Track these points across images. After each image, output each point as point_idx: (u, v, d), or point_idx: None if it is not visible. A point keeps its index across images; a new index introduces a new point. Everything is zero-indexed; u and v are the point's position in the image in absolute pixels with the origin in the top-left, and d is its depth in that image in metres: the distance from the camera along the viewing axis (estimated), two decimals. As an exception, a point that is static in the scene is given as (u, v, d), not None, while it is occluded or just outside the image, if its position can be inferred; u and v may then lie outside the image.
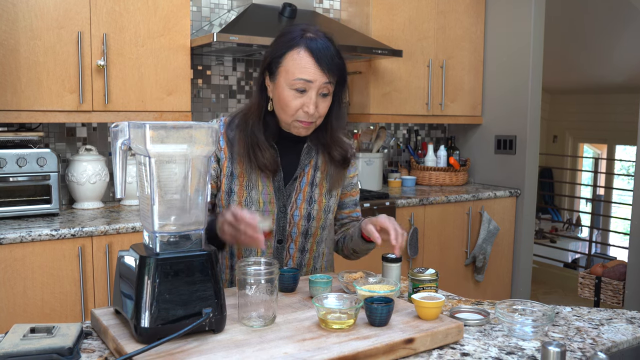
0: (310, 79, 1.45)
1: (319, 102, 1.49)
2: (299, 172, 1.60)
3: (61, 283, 2.36)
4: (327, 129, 1.59)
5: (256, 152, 1.54)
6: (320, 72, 1.45)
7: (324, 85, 1.47)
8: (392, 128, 4.07)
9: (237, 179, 1.57)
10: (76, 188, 2.79)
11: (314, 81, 1.46)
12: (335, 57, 1.48)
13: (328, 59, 1.46)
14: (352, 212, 1.75)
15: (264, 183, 1.57)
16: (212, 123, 1.23)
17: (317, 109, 1.49)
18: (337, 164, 1.63)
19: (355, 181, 1.74)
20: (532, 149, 3.80)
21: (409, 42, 3.58)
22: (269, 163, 1.54)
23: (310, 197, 1.61)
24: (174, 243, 1.19)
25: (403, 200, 3.29)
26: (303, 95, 1.47)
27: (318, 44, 1.46)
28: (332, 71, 1.47)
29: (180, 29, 2.80)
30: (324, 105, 1.50)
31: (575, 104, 6.80)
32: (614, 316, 1.47)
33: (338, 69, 1.49)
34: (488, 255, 3.68)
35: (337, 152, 1.61)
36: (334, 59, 1.47)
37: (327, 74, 1.46)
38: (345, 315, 1.22)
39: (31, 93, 2.50)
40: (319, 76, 1.46)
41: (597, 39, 5.35)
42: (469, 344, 1.26)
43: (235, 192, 1.57)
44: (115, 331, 1.18)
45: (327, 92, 1.49)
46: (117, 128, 1.19)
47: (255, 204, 1.56)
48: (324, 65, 1.45)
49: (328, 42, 1.49)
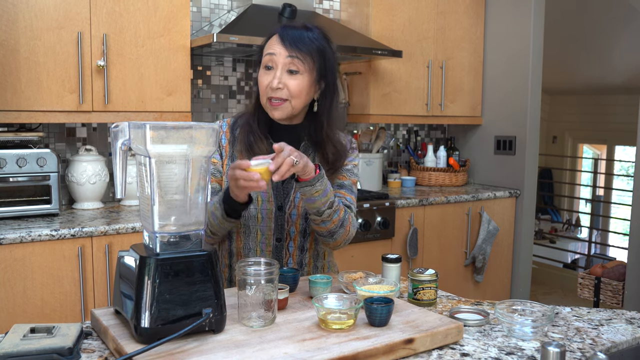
0: (273, 52, 1.51)
1: (286, 78, 1.51)
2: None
3: (61, 283, 2.36)
4: (319, 126, 1.59)
5: (251, 142, 1.56)
6: (282, 46, 1.50)
7: (288, 59, 1.50)
8: (391, 128, 4.07)
9: None
10: (76, 188, 2.79)
11: (277, 54, 1.51)
12: (306, 38, 1.51)
13: (295, 36, 1.51)
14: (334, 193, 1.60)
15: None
16: (213, 123, 1.23)
17: (287, 86, 1.51)
18: (330, 163, 1.61)
19: (349, 167, 1.66)
20: (532, 149, 3.81)
21: (409, 42, 3.58)
22: (262, 151, 1.55)
23: None
24: (174, 243, 1.19)
25: (403, 200, 3.29)
26: (270, 72, 1.52)
27: (292, 25, 1.54)
28: (295, 46, 1.50)
29: (180, 29, 2.80)
30: (294, 82, 1.51)
31: (574, 105, 6.80)
32: (613, 316, 1.47)
33: (306, 47, 1.50)
34: (488, 255, 3.69)
35: (330, 151, 1.60)
36: (304, 39, 1.51)
37: (290, 49, 1.49)
38: (345, 315, 1.22)
39: (31, 93, 2.50)
40: (281, 49, 1.50)
41: (596, 40, 5.35)
42: (469, 344, 1.26)
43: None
44: (115, 331, 1.18)
45: (295, 70, 1.50)
46: (117, 128, 1.19)
47: (253, 203, 1.57)
48: (286, 41, 1.50)
49: (310, 29, 1.53)
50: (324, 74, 1.55)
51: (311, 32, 1.53)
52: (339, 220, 1.55)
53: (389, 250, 3.26)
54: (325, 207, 1.50)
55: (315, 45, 1.52)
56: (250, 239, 1.60)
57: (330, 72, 1.56)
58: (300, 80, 1.51)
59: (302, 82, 1.52)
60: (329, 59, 1.55)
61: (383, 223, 3.18)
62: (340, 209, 1.56)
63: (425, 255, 3.45)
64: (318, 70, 1.53)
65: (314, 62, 1.52)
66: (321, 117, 1.59)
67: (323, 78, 1.55)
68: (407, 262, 3.35)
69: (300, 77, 1.51)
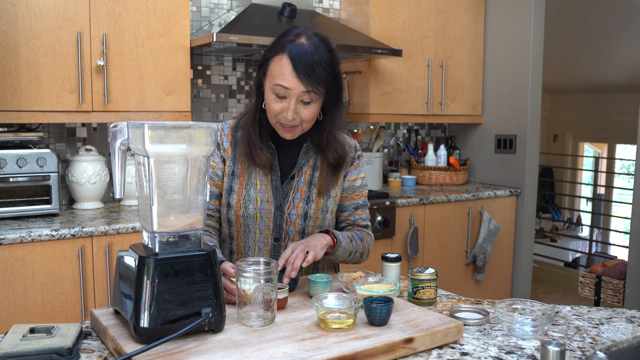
0: (287, 86, 1.45)
1: (301, 109, 1.48)
2: (296, 171, 1.61)
3: (61, 283, 2.36)
4: (322, 130, 1.59)
5: (251, 148, 1.56)
6: (298, 81, 1.44)
7: (303, 93, 1.46)
8: (392, 128, 4.07)
9: (237, 178, 1.60)
10: (76, 188, 2.79)
11: (292, 89, 1.45)
12: (318, 66, 1.44)
13: (308, 68, 1.43)
14: (350, 216, 1.71)
15: (262, 182, 1.59)
16: (212, 123, 1.23)
17: (300, 115, 1.49)
18: (330, 167, 1.62)
19: (358, 184, 1.71)
20: (533, 148, 3.80)
21: (409, 41, 3.58)
22: (263, 159, 1.56)
23: (307, 196, 1.61)
24: (173, 243, 1.19)
25: (403, 199, 3.29)
26: (283, 101, 1.48)
27: (302, 50, 1.44)
28: (311, 80, 1.44)
29: (180, 29, 2.80)
30: (308, 112, 1.49)
31: (575, 103, 6.80)
32: (613, 315, 1.47)
33: (321, 78, 1.45)
34: (488, 254, 3.68)
35: (331, 155, 1.61)
36: (317, 68, 1.44)
37: (305, 84, 1.44)
38: (345, 314, 1.22)
39: (31, 93, 2.50)
40: (296, 84, 1.45)
41: (597, 38, 5.35)
42: (469, 343, 1.26)
43: (235, 191, 1.59)
44: (115, 331, 1.18)
45: (309, 100, 1.48)
46: (116, 128, 1.19)
47: (252, 202, 1.58)
48: (302, 74, 1.43)
49: (317, 49, 1.46)
50: (333, 91, 1.53)
51: (319, 53, 1.45)
52: (360, 255, 1.69)
53: (389, 249, 3.26)
54: (347, 257, 1.65)
55: (327, 71, 1.47)
56: (249, 238, 1.61)
57: (337, 85, 1.53)
58: (313, 107, 1.50)
59: (315, 109, 1.51)
60: (337, 76, 1.52)
61: (383, 222, 3.17)
62: (358, 247, 1.66)
63: (425, 254, 3.45)
64: (327, 90, 1.51)
65: (326, 88, 1.50)
66: (324, 121, 1.59)
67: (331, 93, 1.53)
68: (407, 261, 3.34)
69: (313, 106, 1.50)
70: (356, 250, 1.65)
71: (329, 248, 1.54)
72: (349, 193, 1.70)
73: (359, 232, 1.69)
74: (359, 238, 1.67)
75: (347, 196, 1.71)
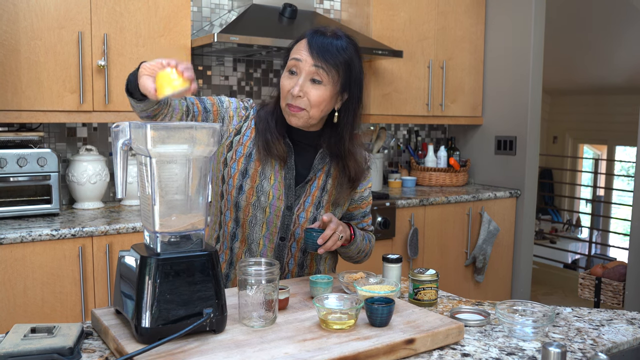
0: (299, 58, 1.49)
1: (308, 87, 1.48)
2: (311, 176, 1.60)
3: (61, 283, 2.36)
4: (340, 139, 1.57)
5: (268, 140, 1.55)
6: (309, 54, 1.47)
7: (313, 68, 1.47)
8: (392, 128, 4.07)
9: (254, 163, 1.58)
10: (76, 188, 2.79)
11: (302, 61, 1.48)
12: (333, 48, 1.48)
13: (322, 46, 1.47)
14: (359, 224, 1.74)
15: (276, 177, 1.58)
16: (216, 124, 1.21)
17: (307, 96, 1.48)
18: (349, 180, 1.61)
19: (366, 194, 1.72)
20: (532, 149, 3.80)
21: (409, 42, 3.58)
22: (280, 150, 1.55)
23: (319, 201, 1.61)
24: (174, 243, 1.19)
25: (403, 200, 3.29)
26: (293, 77, 1.50)
27: (322, 35, 1.50)
28: (322, 56, 1.46)
29: (181, 29, 2.80)
30: (316, 92, 1.48)
31: (575, 105, 6.80)
32: (614, 317, 1.47)
33: (333, 59, 1.47)
34: (488, 255, 3.68)
35: (352, 167, 1.60)
36: (331, 48, 1.47)
37: (316, 58, 1.47)
38: (346, 315, 1.22)
39: (32, 93, 2.50)
40: (307, 57, 1.47)
41: (597, 40, 5.35)
42: (470, 344, 1.26)
43: (249, 176, 1.57)
44: (116, 331, 1.18)
45: (319, 80, 1.48)
46: (118, 128, 1.19)
47: (265, 195, 1.57)
48: (314, 49, 1.47)
49: (338, 38, 1.50)
50: (347, 86, 1.52)
51: (340, 41, 1.50)
52: (365, 255, 1.74)
53: (389, 251, 3.26)
54: (356, 254, 1.69)
55: (343, 57, 1.48)
56: (256, 231, 1.59)
57: (355, 84, 1.53)
58: (322, 91, 1.49)
59: (324, 93, 1.49)
60: (355, 71, 1.52)
61: (383, 223, 3.18)
62: (366, 247, 1.71)
63: (425, 255, 3.45)
64: (342, 82, 1.51)
65: (339, 75, 1.49)
66: (342, 130, 1.57)
67: (347, 90, 1.53)
68: (407, 262, 3.34)
69: (322, 88, 1.49)
70: (364, 250, 1.70)
71: (345, 241, 1.58)
72: (358, 203, 1.72)
73: (367, 234, 1.74)
74: (367, 239, 1.72)
75: (357, 206, 1.72)
